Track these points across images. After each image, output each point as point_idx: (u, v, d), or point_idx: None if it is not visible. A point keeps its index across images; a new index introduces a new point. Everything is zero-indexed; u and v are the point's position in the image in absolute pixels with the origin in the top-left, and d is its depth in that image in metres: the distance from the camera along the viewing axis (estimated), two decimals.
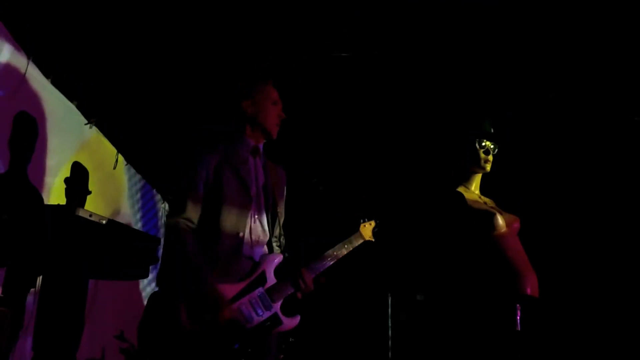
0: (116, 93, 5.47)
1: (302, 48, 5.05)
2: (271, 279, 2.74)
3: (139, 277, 3.31)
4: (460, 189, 3.51)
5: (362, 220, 3.17)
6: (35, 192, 3.65)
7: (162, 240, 6.68)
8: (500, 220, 3.38)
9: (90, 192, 4.32)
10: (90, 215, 3.18)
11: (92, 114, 5.40)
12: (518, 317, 3.21)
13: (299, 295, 2.78)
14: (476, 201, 3.47)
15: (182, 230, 2.65)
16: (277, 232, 2.94)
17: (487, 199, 3.58)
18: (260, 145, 2.98)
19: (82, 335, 4.05)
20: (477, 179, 3.57)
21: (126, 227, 3.22)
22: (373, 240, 3.15)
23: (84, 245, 3.11)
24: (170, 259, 2.80)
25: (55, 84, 4.79)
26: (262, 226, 2.86)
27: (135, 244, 3.23)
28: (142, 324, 5.20)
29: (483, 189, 3.64)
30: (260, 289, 2.70)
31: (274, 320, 2.70)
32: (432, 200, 3.45)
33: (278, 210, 2.94)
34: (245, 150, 2.91)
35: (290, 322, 2.76)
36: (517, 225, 3.45)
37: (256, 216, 2.83)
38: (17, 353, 3.43)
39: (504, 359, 3.16)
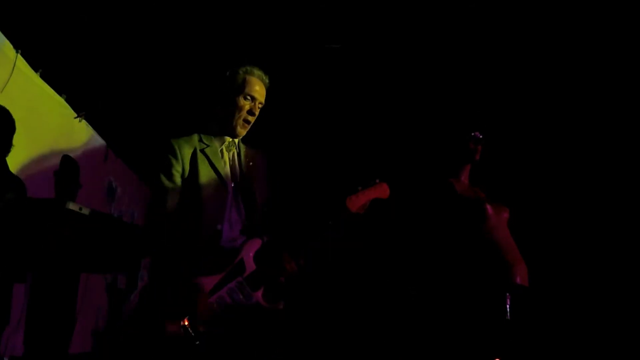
0: (105, 87, 5.46)
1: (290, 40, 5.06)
2: (250, 266, 2.63)
3: (128, 269, 3.29)
4: (451, 180, 3.53)
5: (351, 194, 3.04)
6: (21, 186, 3.64)
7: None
8: (489, 210, 3.40)
9: (81, 186, 4.31)
10: (81, 209, 3.17)
11: (81, 107, 5.39)
12: (508, 306, 3.23)
13: (282, 279, 2.70)
14: (466, 191, 3.50)
15: (160, 224, 2.62)
16: (256, 219, 2.84)
17: (477, 189, 3.60)
18: (236, 140, 2.91)
19: (74, 329, 4.06)
20: (466, 169, 3.60)
21: (117, 220, 3.22)
22: (361, 213, 3.09)
23: (74, 238, 3.10)
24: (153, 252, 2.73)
25: (44, 77, 4.78)
26: (241, 216, 2.78)
27: (124, 237, 3.22)
28: (133, 315, 5.23)
29: (473, 179, 3.67)
30: (239, 278, 2.60)
31: (256, 309, 2.60)
32: (423, 190, 3.45)
33: (257, 197, 2.87)
34: (220, 143, 2.85)
35: (274, 309, 2.66)
36: (506, 215, 3.48)
37: (234, 207, 2.77)
38: (8, 348, 3.43)
39: (494, 348, 3.18)
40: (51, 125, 4.88)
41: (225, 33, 4.93)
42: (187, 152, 2.72)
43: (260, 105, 2.85)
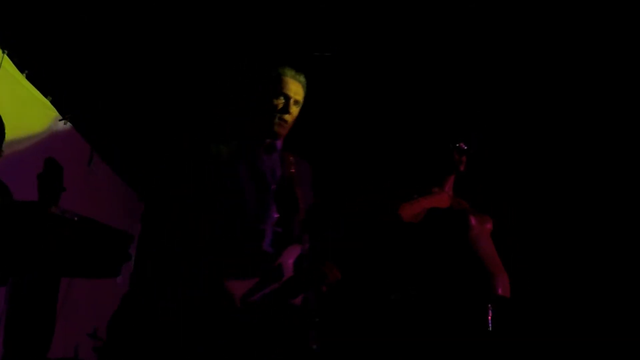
0: (91, 89, 5.45)
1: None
2: (288, 273, 2.55)
3: (110, 275, 3.27)
4: (435, 190, 3.54)
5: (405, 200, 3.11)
6: (4, 189, 3.63)
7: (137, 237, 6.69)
8: (473, 220, 3.42)
9: (64, 189, 4.29)
10: (63, 212, 3.16)
11: (67, 109, 5.38)
12: (489, 318, 3.25)
13: (324, 288, 2.58)
14: (450, 202, 3.51)
15: (199, 230, 2.55)
16: (297, 225, 2.74)
17: (461, 200, 3.62)
18: (278, 142, 2.83)
19: (55, 334, 4.04)
20: (450, 180, 3.61)
21: (99, 224, 3.20)
22: (415, 222, 3.10)
23: (55, 242, 3.09)
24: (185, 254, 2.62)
25: (30, 78, 4.77)
26: (281, 220, 2.68)
27: (107, 242, 3.20)
28: (113, 322, 5.21)
29: (457, 190, 3.69)
30: (275, 285, 2.51)
31: (291, 316, 2.51)
32: (406, 199, 3.46)
33: (300, 204, 2.77)
34: (259, 146, 2.78)
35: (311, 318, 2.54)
36: (489, 226, 3.50)
37: (277, 210, 2.68)
38: None
39: (475, 359, 3.20)
40: (36, 127, 4.87)
41: (216, 34, 4.95)
42: (224, 155, 2.67)
43: (296, 104, 2.78)
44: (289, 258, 2.58)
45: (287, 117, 2.74)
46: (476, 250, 3.31)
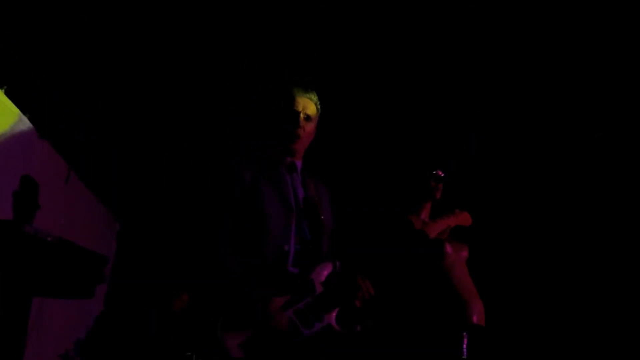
0: (70, 106, 5.42)
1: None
2: (320, 288, 2.51)
3: (84, 296, 3.25)
4: (411, 217, 3.57)
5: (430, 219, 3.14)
6: None
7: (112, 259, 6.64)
8: (448, 248, 3.45)
9: (39, 207, 4.27)
10: (36, 232, 3.14)
11: (45, 127, 5.35)
12: (465, 346, 3.27)
13: (358, 303, 2.55)
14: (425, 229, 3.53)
15: (221, 244, 2.53)
16: (324, 244, 2.74)
17: None
18: (298, 162, 2.85)
19: (25, 355, 3.99)
20: (427, 207, 3.64)
21: (73, 245, 3.18)
22: (444, 237, 3.15)
23: (28, 262, 3.07)
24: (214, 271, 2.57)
25: (8, 94, 4.74)
26: (307, 239, 2.68)
27: (81, 263, 3.19)
28: (88, 343, 5.16)
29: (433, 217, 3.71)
30: (308, 299, 2.47)
31: (327, 333, 2.46)
32: (383, 227, 3.48)
33: (323, 222, 2.78)
34: (281, 166, 2.79)
35: (348, 334, 2.50)
36: (465, 254, 3.53)
37: (300, 229, 2.67)
38: None
39: None
40: (12, 144, 4.83)
41: (208, 36, 4.92)
42: (247, 173, 2.67)
43: (307, 119, 2.78)
44: (320, 275, 2.55)
45: (298, 131, 2.73)
46: (451, 278, 3.34)
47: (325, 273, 2.56)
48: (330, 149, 5.63)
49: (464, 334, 3.29)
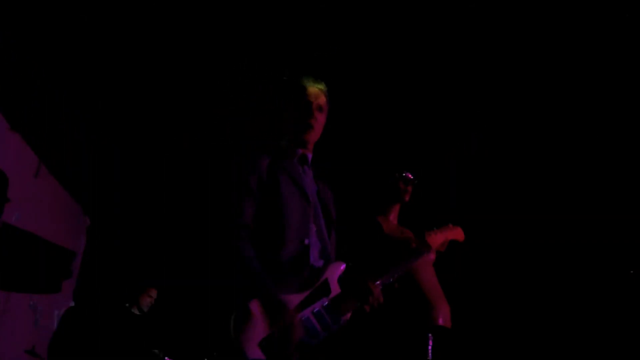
0: (42, 100, 5.38)
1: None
2: (335, 289, 2.50)
3: (50, 290, 3.24)
4: (379, 218, 3.58)
5: (427, 230, 3.12)
6: None
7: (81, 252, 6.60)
8: None
9: (8, 200, 4.24)
10: (4, 226, 3.13)
11: (17, 119, 5.31)
12: (430, 347, 3.29)
13: (367, 308, 2.55)
14: (393, 231, 3.55)
15: (239, 236, 2.44)
16: (334, 240, 2.75)
17: (405, 229, 3.66)
18: (309, 155, 2.82)
19: None
20: (395, 209, 3.66)
21: (40, 240, 3.17)
22: (442, 250, 3.11)
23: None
24: (229, 266, 2.48)
25: None
26: (322, 234, 2.66)
27: (48, 257, 3.17)
28: (55, 339, 5.13)
29: (402, 219, 3.73)
30: (324, 300, 2.46)
31: (338, 335, 2.44)
32: (350, 228, 3.49)
33: (333, 218, 2.78)
34: (294, 157, 2.76)
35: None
36: (432, 256, 3.54)
37: (316, 223, 2.65)
38: None
39: None
40: None
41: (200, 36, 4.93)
42: (264, 165, 2.63)
43: (319, 110, 2.78)
44: (334, 274, 2.54)
45: (311, 121, 2.74)
46: (418, 280, 3.35)
47: (338, 272, 2.54)
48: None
49: (429, 335, 3.32)
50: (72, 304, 5.63)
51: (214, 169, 5.84)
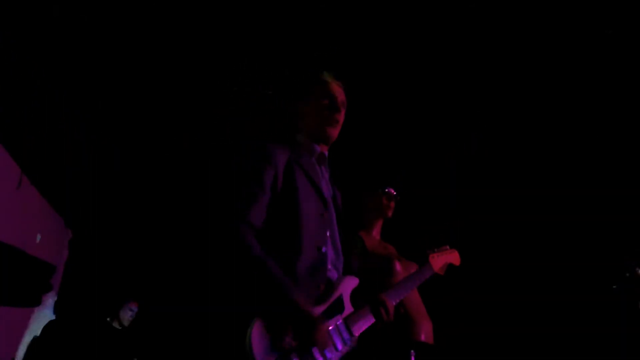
0: (25, 110, 5.34)
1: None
2: (348, 307, 2.34)
3: (30, 304, 3.21)
4: (362, 233, 3.60)
5: (430, 251, 3.05)
6: None
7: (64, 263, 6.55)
8: (398, 266, 3.48)
9: None
10: None
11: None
12: None
13: (379, 325, 2.44)
14: (375, 246, 3.56)
15: (246, 235, 2.18)
16: (347, 251, 2.57)
17: (388, 245, 3.68)
18: (326, 153, 2.66)
19: None
20: (378, 224, 3.67)
21: (20, 253, 3.15)
22: (442, 274, 3.05)
23: None
24: (230, 271, 2.21)
25: None
26: (335, 242, 2.48)
27: (28, 271, 3.15)
28: (34, 352, 5.09)
29: (385, 235, 3.74)
30: (339, 318, 2.29)
31: (353, 357, 2.28)
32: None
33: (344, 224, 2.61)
34: (312, 155, 2.59)
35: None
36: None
37: (330, 229, 2.46)
38: None
39: None
40: None
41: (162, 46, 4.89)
42: (282, 159, 2.41)
43: (342, 105, 2.67)
44: (347, 289, 2.38)
45: (337, 116, 2.62)
46: None
47: (351, 288, 2.40)
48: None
49: (412, 351, 3.32)
50: (54, 317, 5.60)
51: (211, 171, 5.83)
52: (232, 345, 2.06)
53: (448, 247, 3.23)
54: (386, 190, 3.66)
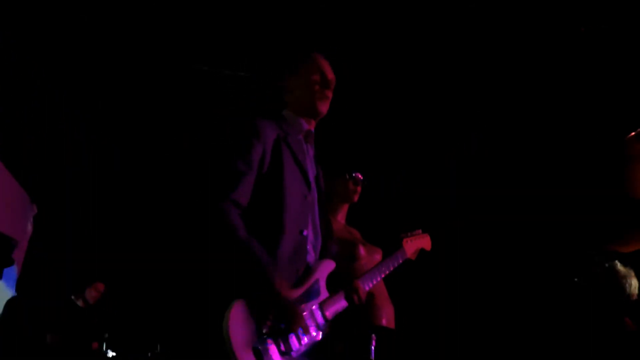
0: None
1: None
2: (324, 292, 2.35)
3: None
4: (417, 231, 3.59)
5: (404, 235, 3.04)
6: None
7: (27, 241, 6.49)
8: (362, 250, 3.51)
9: None
10: None
11: None
12: (372, 347, 3.34)
13: (350, 310, 2.46)
14: (340, 230, 3.58)
15: (231, 214, 2.13)
16: (326, 232, 2.55)
17: (352, 229, 3.70)
18: (313, 130, 2.61)
19: None
20: (344, 209, 3.69)
21: None
22: (413, 259, 3.04)
23: None
24: (212, 251, 2.19)
25: None
26: (315, 224, 2.47)
27: None
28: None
29: (350, 220, 3.76)
30: (314, 302, 2.30)
31: (325, 342, 2.28)
32: None
33: (326, 207, 2.61)
34: (299, 132, 2.55)
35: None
36: (378, 257, 3.57)
37: (311, 211, 2.45)
38: None
39: None
40: None
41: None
42: (271, 136, 2.36)
43: (331, 83, 2.58)
44: (324, 274, 2.38)
45: (327, 92, 2.55)
46: None
47: (327, 272, 2.40)
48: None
49: (372, 335, 3.36)
50: (15, 293, 5.58)
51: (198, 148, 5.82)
52: (209, 329, 2.07)
53: (421, 231, 3.25)
54: (353, 175, 3.66)
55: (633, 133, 5.18)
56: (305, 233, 2.34)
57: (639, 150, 4.14)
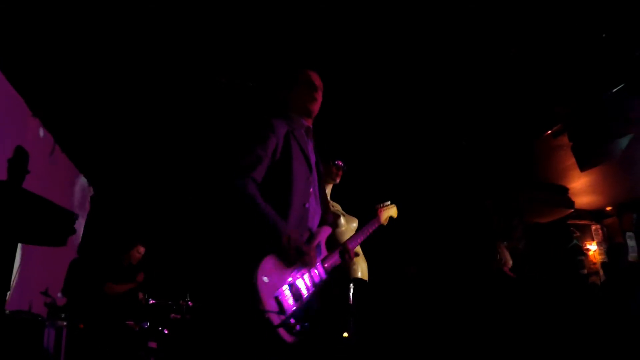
0: (60, 92, 5.26)
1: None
2: (324, 251, 2.54)
3: (57, 244, 3.34)
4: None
5: (379, 206, 3.15)
6: None
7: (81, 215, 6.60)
8: (342, 220, 3.68)
9: (28, 172, 4.30)
10: (25, 192, 3.23)
11: (37, 108, 5.32)
12: (351, 294, 3.52)
13: (342, 263, 2.63)
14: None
15: (250, 187, 2.30)
16: (324, 207, 2.70)
17: (335, 204, 3.87)
18: (311, 126, 2.75)
19: (13, 290, 4.06)
20: (328, 188, 3.84)
21: (51, 203, 3.28)
22: (385, 225, 3.14)
23: (17, 214, 3.14)
24: (242, 217, 2.32)
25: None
26: (317, 199, 2.61)
27: (56, 217, 3.29)
28: (66, 284, 5.24)
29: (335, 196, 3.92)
30: (318, 258, 2.48)
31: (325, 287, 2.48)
32: None
33: (324, 188, 2.77)
34: (301, 127, 2.67)
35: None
36: (355, 225, 3.76)
37: (313, 189, 2.58)
38: None
39: (340, 325, 3.44)
40: (10, 121, 4.86)
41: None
42: (282, 131, 2.51)
43: (321, 89, 2.74)
44: (323, 237, 2.56)
45: (316, 95, 2.71)
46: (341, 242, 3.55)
47: (326, 235, 2.58)
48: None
49: (351, 285, 3.54)
50: (77, 256, 5.73)
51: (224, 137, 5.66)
52: (240, 279, 2.20)
53: (389, 202, 3.39)
54: (336, 162, 3.82)
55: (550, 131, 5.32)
56: (307, 206, 2.47)
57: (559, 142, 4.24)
